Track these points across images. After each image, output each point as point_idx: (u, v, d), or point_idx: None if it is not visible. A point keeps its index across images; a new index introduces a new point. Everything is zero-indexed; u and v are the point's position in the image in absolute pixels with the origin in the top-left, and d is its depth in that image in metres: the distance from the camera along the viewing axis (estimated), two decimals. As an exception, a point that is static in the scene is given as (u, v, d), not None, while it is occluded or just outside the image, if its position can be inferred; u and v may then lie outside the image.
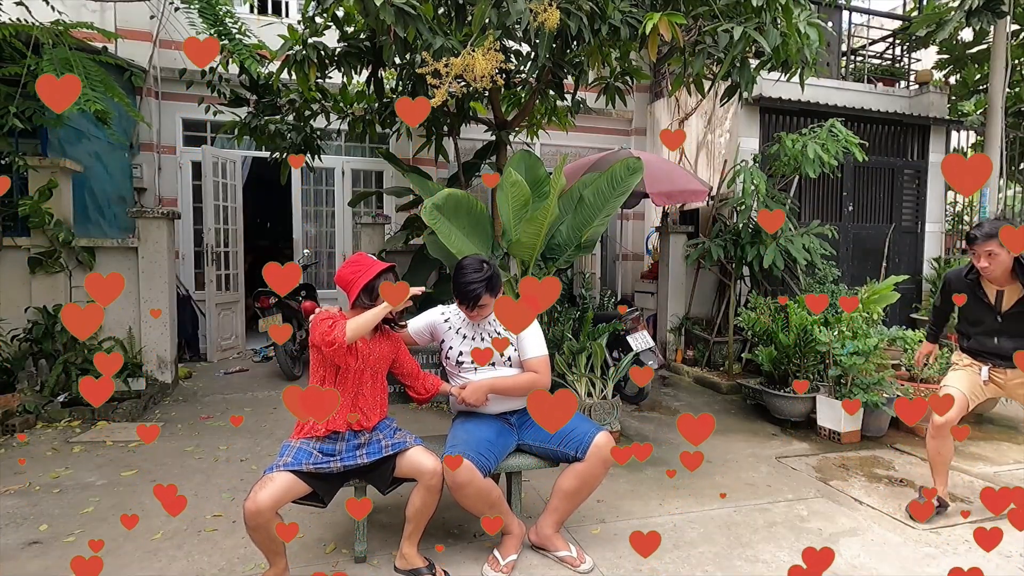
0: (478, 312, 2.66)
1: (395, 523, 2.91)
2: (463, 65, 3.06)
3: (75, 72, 4.15)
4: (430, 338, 2.85)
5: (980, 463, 3.93)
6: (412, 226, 5.90)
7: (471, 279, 2.59)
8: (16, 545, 2.71)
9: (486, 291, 2.60)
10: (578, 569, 2.54)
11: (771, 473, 3.72)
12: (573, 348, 4.16)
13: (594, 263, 8.47)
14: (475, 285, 2.58)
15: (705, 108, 7.24)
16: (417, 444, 2.49)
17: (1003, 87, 6.49)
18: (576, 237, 4.09)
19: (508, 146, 5.03)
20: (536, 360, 2.71)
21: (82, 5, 6.11)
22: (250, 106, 5.31)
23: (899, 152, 7.13)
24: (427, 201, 3.69)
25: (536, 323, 2.79)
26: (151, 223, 5.07)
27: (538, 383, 2.67)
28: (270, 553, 2.29)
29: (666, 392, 5.69)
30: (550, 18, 3.12)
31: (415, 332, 2.82)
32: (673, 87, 4.17)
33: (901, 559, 2.70)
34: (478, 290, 2.58)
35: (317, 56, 4.09)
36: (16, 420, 4.23)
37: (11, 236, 4.91)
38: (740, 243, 5.63)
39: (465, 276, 2.61)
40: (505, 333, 2.73)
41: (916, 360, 3.71)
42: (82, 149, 5.78)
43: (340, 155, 7.65)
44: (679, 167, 6.54)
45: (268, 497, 2.15)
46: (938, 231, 7.31)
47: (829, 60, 7.18)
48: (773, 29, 3.52)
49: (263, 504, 2.13)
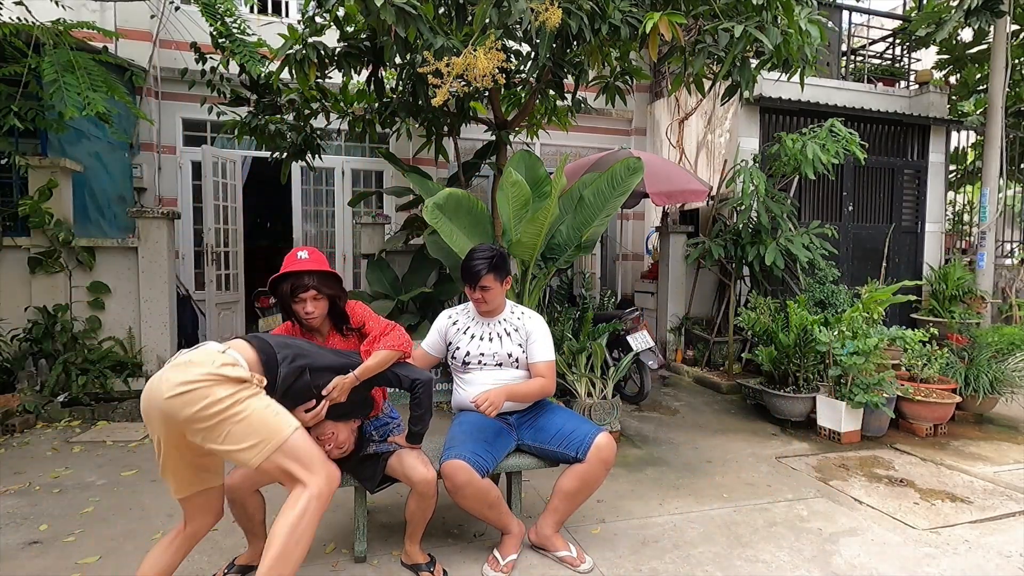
0: (482, 295, 2.65)
1: (395, 523, 2.91)
2: (464, 64, 3.06)
3: (76, 72, 4.14)
4: (444, 347, 2.81)
5: (980, 463, 3.93)
6: (412, 226, 5.90)
7: (477, 257, 2.63)
8: (16, 545, 2.71)
9: (489, 270, 2.60)
10: (578, 569, 2.54)
11: (771, 473, 3.71)
12: (573, 348, 4.16)
13: (594, 263, 8.47)
14: (479, 263, 2.61)
15: (705, 108, 7.24)
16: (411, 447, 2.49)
17: (1003, 87, 6.48)
18: (576, 237, 4.09)
19: (508, 146, 5.03)
20: (544, 365, 2.71)
21: (82, 5, 6.11)
22: (250, 106, 5.31)
23: (899, 152, 7.13)
24: (428, 200, 3.69)
25: (546, 327, 2.80)
26: (151, 223, 5.06)
27: (547, 389, 2.70)
28: (248, 532, 2.45)
29: (666, 392, 5.69)
30: (551, 17, 3.12)
31: (430, 347, 2.80)
32: (673, 87, 4.16)
33: (901, 559, 2.70)
34: (480, 267, 2.60)
35: (317, 56, 4.09)
36: (16, 420, 4.24)
37: (11, 236, 4.91)
38: (740, 243, 5.63)
39: (472, 257, 2.65)
40: (515, 333, 2.73)
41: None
42: (82, 149, 5.79)
43: (340, 155, 7.65)
44: (679, 167, 6.54)
45: (239, 475, 2.30)
46: (938, 231, 7.31)
47: (829, 60, 7.18)
48: (774, 27, 3.52)
49: (232, 482, 2.29)
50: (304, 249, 2.45)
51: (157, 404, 1.80)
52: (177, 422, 1.80)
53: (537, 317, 2.80)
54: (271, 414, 1.89)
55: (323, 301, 2.39)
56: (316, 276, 2.37)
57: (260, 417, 1.85)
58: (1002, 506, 3.27)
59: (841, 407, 4.24)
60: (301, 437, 1.94)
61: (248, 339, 2.08)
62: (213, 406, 1.78)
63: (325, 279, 2.39)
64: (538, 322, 2.77)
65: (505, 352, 2.70)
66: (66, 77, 4.07)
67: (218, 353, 1.89)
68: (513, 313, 2.79)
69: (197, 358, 1.85)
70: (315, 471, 1.93)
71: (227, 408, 1.80)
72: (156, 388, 1.81)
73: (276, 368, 2.03)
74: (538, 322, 2.77)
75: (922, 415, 4.44)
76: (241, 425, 1.82)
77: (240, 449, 1.84)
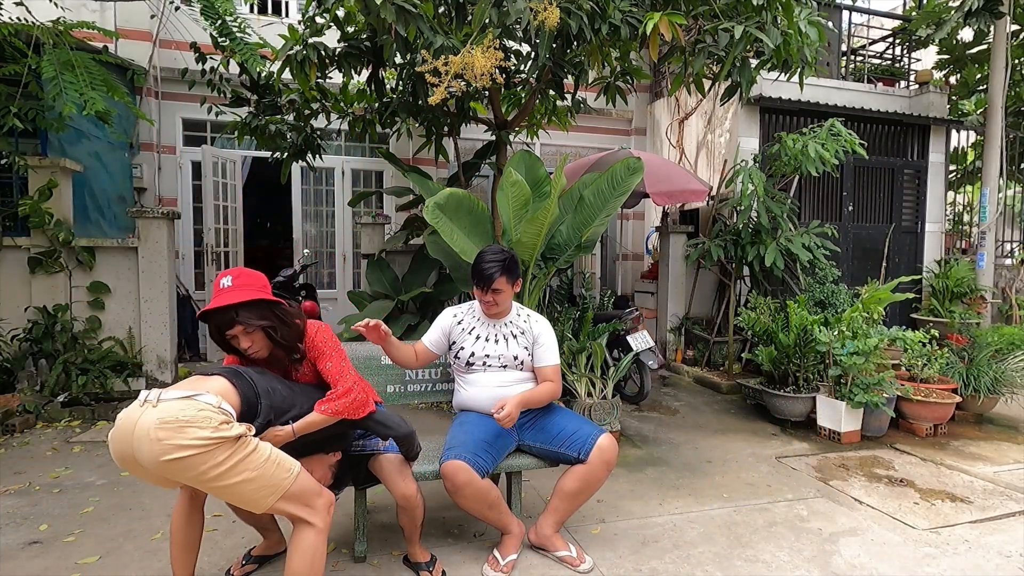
0: (493, 298, 2.63)
1: (395, 523, 2.90)
2: (462, 63, 3.06)
3: (76, 72, 4.14)
4: (447, 345, 2.79)
5: (980, 463, 3.93)
6: (412, 226, 5.90)
7: (489, 259, 2.61)
8: (16, 545, 2.71)
9: (502, 272, 2.59)
10: (578, 569, 2.54)
11: (771, 473, 3.71)
12: (573, 348, 4.16)
13: (594, 263, 8.47)
14: (492, 265, 2.59)
15: (705, 108, 7.24)
16: (391, 452, 2.37)
17: (1003, 87, 6.48)
18: (576, 237, 4.09)
19: (508, 146, 5.03)
20: (552, 369, 2.72)
21: (82, 4, 6.10)
22: (251, 106, 5.31)
23: (899, 152, 7.13)
24: (429, 200, 3.69)
25: (552, 331, 2.79)
26: (151, 223, 5.06)
27: (556, 393, 2.71)
28: (258, 528, 2.47)
29: (666, 392, 5.69)
30: (550, 17, 3.12)
31: (432, 343, 2.78)
32: (673, 87, 4.16)
33: (901, 559, 2.70)
34: (493, 269, 2.58)
35: (317, 56, 4.09)
36: (16, 420, 4.24)
37: (11, 236, 4.91)
38: (740, 243, 5.63)
39: (483, 259, 2.63)
40: (521, 336, 2.72)
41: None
42: (82, 149, 5.78)
43: (340, 155, 7.65)
44: (679, 167, 6.54)
45: None
46: (938, 231, 7.31)
47: (829, 60, 7.18)
48: (774, 28, 3.52)
49: None
50: (229, 273, 2.09)
51: (145, 460, 1.69)
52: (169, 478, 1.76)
53: (543, 320, 2.79)
54: (272, 467, 1.82)
55: (258, 333, 2.06)
56: (242, 308, 2.02)
57: (261, 473, 1.80)
58: (1002, 506, 3.27)
59: (841, 407, 4.24)
60: (301, 480, 1.90)
61: (231, 380, 1.91)
62: (213, 469, 1.72)
63: (253, 309, 2.04)
64: (545, 326, 2.77)
65: (511, 354, 2.69)
66: (66, 75, 4.06)
67: (215, 411, 1.74)
68: (520, 316, 2.78)
69: (194, 417, 1.69)
70: (317, 507, 1.92)
71: (228, 470, 1.73)
72: (143, 445, 1.68)
73: (254, 419, 1.91)
74: (545, 326, 2.77)
75: (922, 415, 4.44)
76: (242, 482, 1.77)
77: (242, 500, 1.84)
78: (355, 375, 2.18)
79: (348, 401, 2.09)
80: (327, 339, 2.21)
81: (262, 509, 1.85)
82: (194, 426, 1.68)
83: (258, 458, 1.79)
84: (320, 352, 2.19)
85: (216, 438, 1.70)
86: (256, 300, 2.04)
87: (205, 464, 1.70)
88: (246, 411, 1.89)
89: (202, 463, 1.69)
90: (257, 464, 1.78)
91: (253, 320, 2.03)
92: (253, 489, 1.79)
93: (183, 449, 1.67)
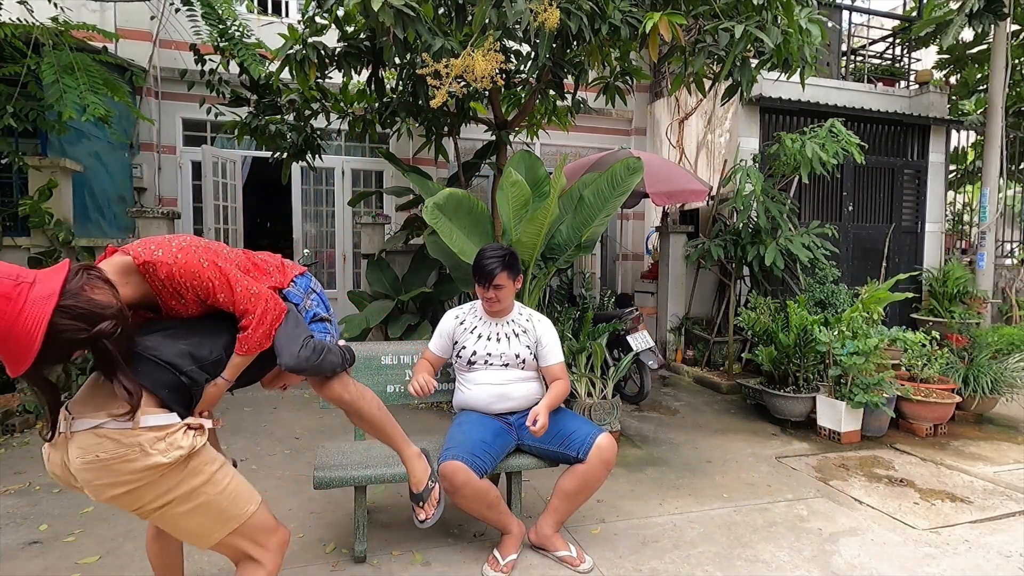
0: (495, 294, 2.64)
1: (395, 523, 2.91)
2: (463, 66, 3.06)
3: (76, 74, 4.14)
4: (451, 348, 2.80)
5: (980, 463, 3.93)
6: (412, 226, 5.90)
7: (490, 255, 2.62)
8: (16, 545, 2.71)
9: (503, 268, 2.60)
10: (578, 569, 2.54)
11: (771, 473, 3.71)
12: (573, 348, 4.16)
13: (594, 263, 8.47)
14: (493, 261, 2.60)
15: (705, 108, 7.24)
16: None
17: (1003, 87, 6.49)
18: (576, 237, 4.09)
19: (508, 146, 5.03)
20: (558, 367, 2.73)
21: (82, 5, 6.10)
22: (250, 106, 5.32)
23: (899, 152, 7.13)
24: (428, 200, 3.69)
25: (554, 329, 2.81)
26: (151, 223, 5.06)
27: (567, 390, 2.73)
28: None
29: (666, 392, 5.69)
30: (550, 18, 3.12)
31: (439, 349, 2.79)
32: (673, 87, 4.16)
33: (901, 559, 2.70)
34: (494, 265, 2.59)
35: (317, 56, 4.09)
36: (16, 420, 4.23)
37: (11, 236, 4.92)
38: (740, 243, 5.63)
39: (484, 256, 2.64)
40: (523, 335, 2.73)
41: None
42: (82, 149, 5.79)
43: (340, 155, 7.65)
44: (679, 167, 6.54)
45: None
46: (938, 231, 7.31)
47: (829, 60, 7.18)
48: (774, 27, 3.52)
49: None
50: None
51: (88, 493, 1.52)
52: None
53: (545, 320, 2.81)
54: (228, 499, 1.63)
55: (79, 352, 1.48)
56: (26, 375, 1.35)
57: (215, 504, 1.61)
58: (1002, 506, 3.27)
59: (841, 407, 4.24)
60: (259, 514, 1.70)
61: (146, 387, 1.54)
62: (159, 499, 1.53)
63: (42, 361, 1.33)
64: (547, 325, 2.78)
65: (513, 353, 2.70)
66: (66, 79, 4.06)
67: (137, 433, 1.47)
68: (521, 315, 2.79)
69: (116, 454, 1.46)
70: (270, 547, 1.73)
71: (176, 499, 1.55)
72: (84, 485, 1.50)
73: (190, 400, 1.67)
74: (547, 325, 2.78)
75: (922, 415, 4.44)
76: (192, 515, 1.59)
77: (190, 535, 1.65)
78: (255, 290, 1.77)
79: (265, 328, 1.78)
80: (194, 271, 1.63)
81: (208, 544, 1.65)
82: (121, 461, 1.47)
83: (213, 490, 1.60)
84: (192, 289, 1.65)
85: (153, 465, 1.48)
86: (32, 361, 1.30)
87: (149, 495, 1.53)
88: (175, 396, 1.59)
89: (148, 494, 1.52)
90: (211, 496, 1.60)
91: (37, 377, 1.47)
92: (201, 522, 1.61)
93: (120, 486, 1.49)
